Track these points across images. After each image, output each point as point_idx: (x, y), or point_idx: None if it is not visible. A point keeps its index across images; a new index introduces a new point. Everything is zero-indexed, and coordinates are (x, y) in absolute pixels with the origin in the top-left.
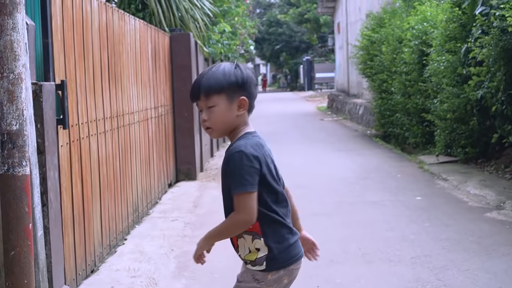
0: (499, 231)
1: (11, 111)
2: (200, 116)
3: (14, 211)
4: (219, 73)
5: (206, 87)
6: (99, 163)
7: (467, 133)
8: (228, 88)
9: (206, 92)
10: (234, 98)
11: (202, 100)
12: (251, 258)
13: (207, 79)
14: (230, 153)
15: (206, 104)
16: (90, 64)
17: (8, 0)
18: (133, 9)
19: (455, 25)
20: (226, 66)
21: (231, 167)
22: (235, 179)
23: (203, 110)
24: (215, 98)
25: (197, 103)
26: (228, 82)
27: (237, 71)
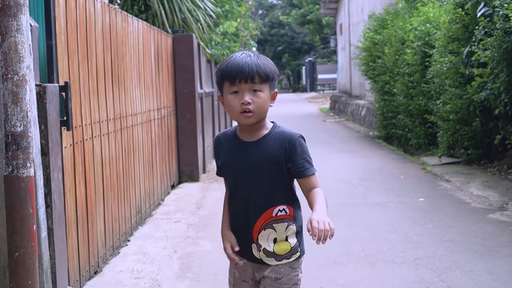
0: (502, 232)
1: (15, 112)
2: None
3: (19, 212)
4: (271, 63)
5: (264, 70)
6: (102, 165)
7: (470, 134)
8: (275, 79)
9: (262, 76)
10: (272, 89)
11: (254, 82)
12: (287, 249)
13: (265, 65)
14: (293, 137)
15: (252, 87)
16: (93, 65)
17: (13, 2)
18: (136, 10)
19: (458, 26)
20: (266, 57)
21: (299, 150)
22: (307, 161)
23: (245, 92)
24: (264, 85)
25: (238, 84)
26: (276, 73)
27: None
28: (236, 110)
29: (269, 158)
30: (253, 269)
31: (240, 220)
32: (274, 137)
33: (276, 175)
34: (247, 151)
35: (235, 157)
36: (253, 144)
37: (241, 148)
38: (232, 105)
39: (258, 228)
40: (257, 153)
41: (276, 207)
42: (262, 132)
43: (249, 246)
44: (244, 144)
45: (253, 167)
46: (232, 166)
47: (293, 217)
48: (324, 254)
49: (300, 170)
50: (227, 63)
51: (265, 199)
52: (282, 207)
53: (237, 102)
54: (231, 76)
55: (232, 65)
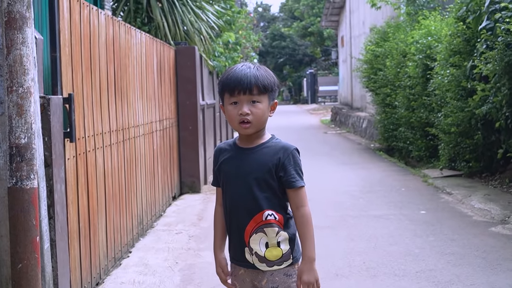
0: (504, 245)
1: (19, 124)
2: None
3: (22, 224)
4: (271, 74)
5: (262, 82)
6: (104, 176)
7: (471, 147)
8: (274, 90)
9: (260, 87)
10: (271, 100)
11: (252, 94)
12: (278, 255)
13: (264, 76)
14: (289, 149)
15: (251, 98)
16: (97, 77)
17: (18, 15)
18: (139, 22)
19: (459, 40)
20: (266, 68)
21: (292, 161)
22: (298, 173)
23: (243, 103)
24: (263, 96)
25: (237, 95)
26: (276, 84)
27: (273, 75)
28: (235, 121)
29: (261, 164)
30: (251, 278)
31: (232, 223)
32: (270, 146)
33: (266, 182)
34: (242, 157)
35: (229, 161)
36: (248, 150)
37: (237, 154)
38: (232, 115)
39: (249, 231)
40: (251, 159)
41: (266, 211)
42: (259, 141)
43: (242, 249)
44: (241, 150)
45: (245, 170)
46: (225, 169)
47: (283, 224)
48: (326, 267)
49: (291, 181)
50: (227, 75)
51: (254, 203)
52: (271, 212)
53: (236, 113)
54: (231, 87)
55: (231, 77)
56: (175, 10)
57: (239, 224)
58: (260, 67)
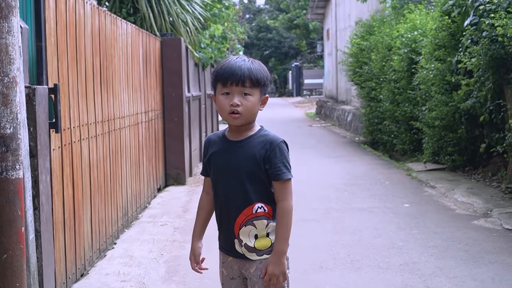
0: (486, 239)
1: (5, 114)
2: (221, 99)
3: (7, 214)
4: (264, 69)
5: (255, 76)
6: (90, 167)
7: (455, 141)
8: (266, 85)
9: (253, 80)
10: (263, 95)
11: (244, 86)
12: (266, 245)
13: (257, 70)
14: (275, 141)
15: (243, 90)
16: (82, 68)
17: (4, 4)
18: (124, 13)
19: (444, 34)
20: (260, 62)
21: (278, 154)
22: (285, 165)
23: (235, 94)
24: (255, 89)
25: (229, 86)
26: (268, 79)
27: (266, 70)
28: (226, 110)
29: (249, 157)
30: (239, 266)
31: (222, 215)
32: (258, 139)
33: (255, 174)
34: (230, 149)
35: (219, 154)
36: (237, 143)
37: (225, 146)
38: (222, 105)
39: (239, 224)
40: (239, 152)
41: (255, 204)
42: (248, 133)
43: (232, 241)
44: (229, 142)
45: (234, 164)
46: (215, 162)
47: (272, 216)
48: (311, 259)
49: (277, 173)
50: (221, 65)
51: (243, 196)
52: (261, 204)
53: (227, 103)
54: (224, 78)
55: (226, 68)
56: (161, 1)
57: (229, 217)
58: (255, 61)
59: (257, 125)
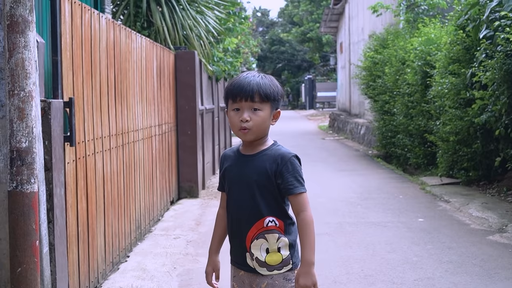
0: (501, 254)
1: (20, 128)
2: (232, 115)
3: (22, 228)
4: (275, 83)
5: (264, 91)
6: (104, 180)
7: (470, 155)
8: (277, 99)
9: (262, 95)
10: (274, 109)
11: (254, 101)
12: (278, 260)
13: (267, 85)
14: (287, 156)
15: (252, 106)
16: (97, 81)
17: (21, 19)
18: (139, 26)
19: (459, 48)
20: (272, 77)
21: (290, 168)
22: (297, 180)
23: (245, 110)
24: (265, 104)
25: (239, 102)
26: (279, 94)
27: (277, 84)
28: (236, 126)
29: (260, 171)
30: (250, 281)
31: (235, 228)
32: (270, 153)
33: (266, 188)
34: (243, 163)
35: (232, 167)
36: (250, 157)
37: (239, 160)
38: (233, 121)
39: (250, 237)
40: (252, 165)
41: (266, 218)
42: (261, 148)
43: (243, 254)
44: (243, 156)
45: (246, 178)
46: (228, 176)
47: (283, 230)
48: (324, 274)
49: (289, 188)
50: (232, 81)
51: (255, 209)
52: (272, 218)
53: (237, 119)
54: (234, 94)
55: (235, 84)
56: (175, 14)
57: (240, 230)
58: (266, 76)
59: (270, 139)
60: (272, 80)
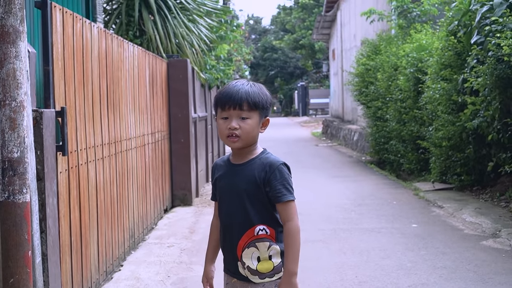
0: (495, 259)
1: (12, 138)
2: (221, 123)
3: (14, 238)
4: (264, 92)
5: (253, 99)
6: (96, 189)
7: (463, 160)
8: (266, 107)
9: (251, 104)
10: (263, 117)
11: (242, 110)
12: (269, 268)
13: (255, 93)
14: (275, 164)
15: (240, 114)
16: (89, 90)
17: (12, 29)
18: (131, 35)
19: (450, 53)
20: (261, 85)
21: (278, 176)
22: (285, 188)
23: (233, 118)
24: (253, 112)
25: (227, 110)
26: (268, 102)
27: (266, 93)
28: (224, 134)
29: (249, 179)
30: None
31: (226, 237)
32: (259, 161)
33: (255, 196)
34: (233, 172)
35: (223, 177)
36: (239, 166)
37: (229, 170)
38: (221, 129)
39: (241, 246)
40: (241, 174)
41: (257, 226)
42: (250, 156)
43: (235, 263)
44: (232, 166)
45: (235, 186)
46: (220, 185)
47: (275, 238)
48: (318, 281)
49: (277, 195)
50: (222, 90)
51: (245, 218)
52: (263, 226)
53: (225, 127)
54: (222, 102)
55: (224, 93)
56: (167, 23)
57: (232, 239)
58: (255, 85)
59: (260, 147)
60: (261, 89)
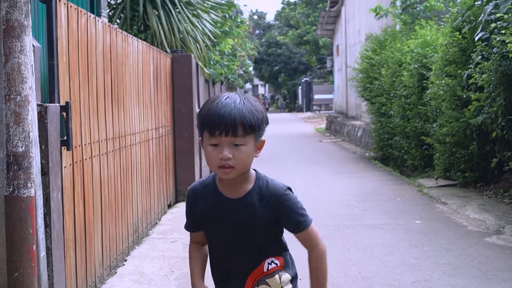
0: (499, 256)
1: (17, 133)
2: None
3: (19, 232)
4: (259, 108)
5: (249, 121)
6: (101, 184)
7: (466, 157)
8: (262, 128)
9: (246, 127)
10: (258, 139)
11: (236, 136)
12: None
13: (251, 113)
14: (280, 194)
15: (233, 141)
16: (93, 85)
17: (17, 23)
18: (135, 30)
19: (455, 50)
20: (254, 99)
21: (290, 206)
22: (301, 214)
23: (225, 146)
24: (249, 136)
25: (218, 136)
26: (264, 120)
27: (261, 108)
28: (214, 164)
29: (257, 218)
30: None
31: (226, 279)
32: (259, 192)
33: (264, 234)
34: (231, 210)
35: (218, 216)
36: (237, 201)
37: (224, 206)
38: (211, 158)
39: (250, 286)
40: (243, 213)
41: (265, 261)
42: (246, 187)
43: None
44: (227, 201)
45: (240, 228)
46: (216, 227)
47: (283, 266)
48: None
49: (296, 227)
50: (208, 109)
51: (250, 258)
52: (271, 259)
53: (216, 156)
54: (211, 126)
55: (213, 113)
56: (172, 18)
57: (238, 281)
58: (248, 99)
59: (253, 172)
60: (255, 105)
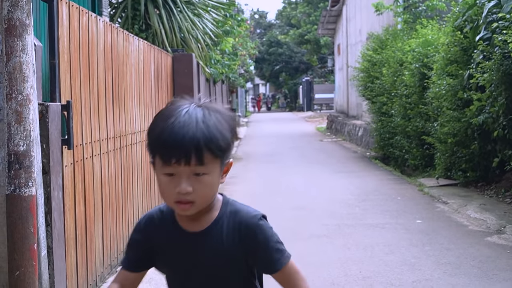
0: (499, 255)
1: (18, 132)
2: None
3: (20, 231)
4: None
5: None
6: (101, 183)
7: (468, 156)
8: (230, 148)
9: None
10: (223, 163)
11: (197, 164)
12: None
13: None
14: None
15: (193, 171)
16: (94, 84)
17: (19, 22)
18: (136, 29)
19: (456, 49)
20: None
21: (262, 240)
22: (277, 249)
23: (183, 178)
24: (213, 163)
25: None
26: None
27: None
28: (170, 198)
29: (220, 252)
30: None
31: None
32: (227, 223)
33: (231, 272)
34: (190, 244)
35: (174, 250)
36: (200, 235)
37: (184, 242)
38: (165, 190)
39: None
40: (208, 249)
41: None
42: (210, 217)
43: None
44: (188, 236)
45: (200, 266)
46: (169, 263)
47: None
48: (322, 276)
49: (272, 265)
50: (161, 129)
51: None
52: None
53: (171, 188)
54: (165, 153)
55: (168, 136)
56: (173, 17)
57: None
58: (212, 113)
59: (218, 196)
60: (220, 119)
